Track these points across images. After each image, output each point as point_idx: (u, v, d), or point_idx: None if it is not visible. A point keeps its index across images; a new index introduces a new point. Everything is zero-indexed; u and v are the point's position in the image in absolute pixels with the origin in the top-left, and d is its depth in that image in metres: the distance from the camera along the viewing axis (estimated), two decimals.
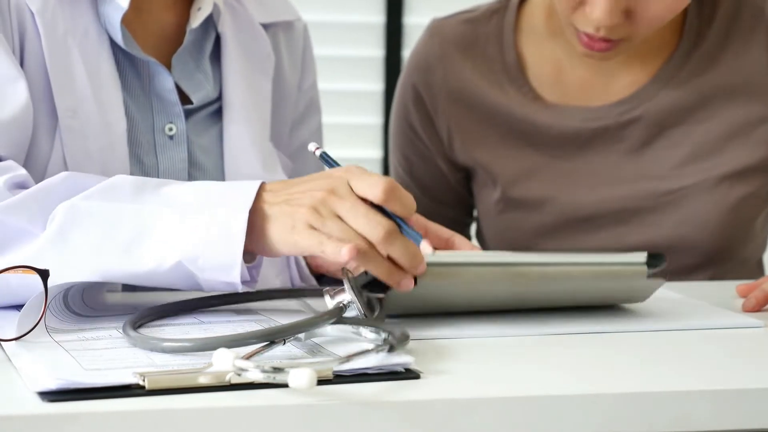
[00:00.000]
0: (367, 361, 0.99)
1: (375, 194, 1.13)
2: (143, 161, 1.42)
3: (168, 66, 1.45)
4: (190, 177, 1.45)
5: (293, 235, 1.15)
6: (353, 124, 3.04)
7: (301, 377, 0.90)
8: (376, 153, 3.07)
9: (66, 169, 1.36)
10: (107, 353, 1.04)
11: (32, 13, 1.36)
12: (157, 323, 1.16)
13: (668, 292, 1.38)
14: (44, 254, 1.18)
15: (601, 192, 1.66)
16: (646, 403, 0.96)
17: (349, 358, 0.98)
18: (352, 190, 1.14)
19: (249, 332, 1.04)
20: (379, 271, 1.14)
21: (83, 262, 1.17)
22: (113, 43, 1.41)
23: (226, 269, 1.16)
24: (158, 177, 1.42)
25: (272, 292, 1.25)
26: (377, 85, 3.06)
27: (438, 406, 0.93)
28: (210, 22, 1.49)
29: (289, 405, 0.91)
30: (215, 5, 1.47)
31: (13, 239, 1.20)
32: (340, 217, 1.14)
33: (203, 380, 0.93)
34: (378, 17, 3.04)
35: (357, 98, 3.05)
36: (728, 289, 1.42)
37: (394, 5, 3.03)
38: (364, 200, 1.14)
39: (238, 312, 1.23)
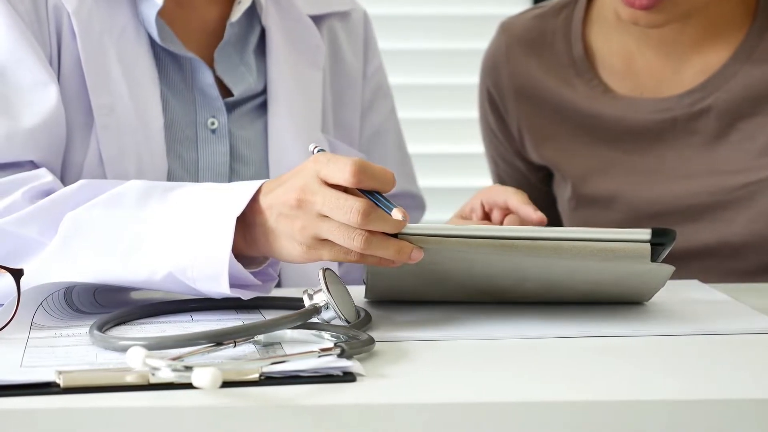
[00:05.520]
0: (301, 363, 0.95)
1: (344, 179, 1.10)
2: (183, 156, 1.43)
3: (211, 60, 1.46)
4: (232, 170, 1.45)
5: (301, 252, 1.13)
6: None
7: (203, 377, 0.88)
8: None
9: (102, 166, 1.38)
10: (63, 350, 1.03)
11: (69, 14, 1.38)
12: (140, 321, 1.15)
13: (716, 293, 1.30)
14: (49, 264, 1.19)
15: (673, 187, 1.59)
16: (589, 414, 0.90)
17: (283, 359, 0.96)
18: (322, 180, 1.11)
19: (198, 333, 1.01)
20: (389, 253, 1.10)
21: (84, 271, 1.17)
22: (154, 41, 1.42)
23: (215, 280, 1.14)
24: (198, 171, 1.43)
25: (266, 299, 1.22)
26: None
27: (353, 410, 0.89)
28: (254, 15, 1.49)
29: (190, 406, 0.88)
30: None
31: (27, 250, 1.22)
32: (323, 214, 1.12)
33: (124, 379, 0.92)
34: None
35: None
36: None
37: None
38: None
39: (238, 310, 1.21)
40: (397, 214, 1.08)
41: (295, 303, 1.21)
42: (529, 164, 1.72)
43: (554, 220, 1.74)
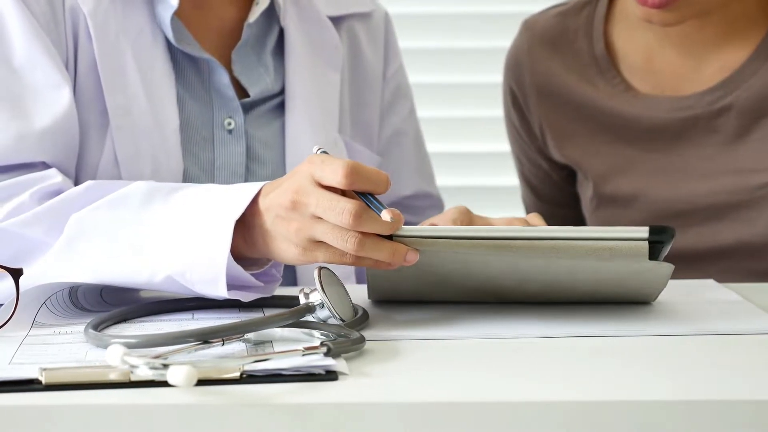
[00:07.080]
0: (284, 362, 0.95)
1: (337, 181, 1.10)
2: (199, 156, 1.43)
3: (229, 61, 1.46)
4: (249, 170, 1.45)
5: (296, 254, 1.14)
6: None
7: (178, 374, 0.88)
8: None
9: (117, 167, 1.39)
10: (56, 348, 1.04)
11: (85, 15, 1.39)
12: (140, 320, 1.16)
13: (727, 293, 1.28)
14: (53, 264, 1.20)
15: (694, 186, 1.58)
16: (585, 414, 0.89)
17: (265, 357, 0.96)
18: (317, 182, 1.11)
19: (185, 331, 1.02)
20: (384, 255, 1.10)
21: (87, 272, 1.18)
22: (171, 42, 1.43)
23: (213, 283, 1.15)
24: (214, 171, 1.44)
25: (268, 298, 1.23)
26: None
27: (329, 409, 0.89)
28: (273, 16, 1.49)
29: (169, 404, 0.89)
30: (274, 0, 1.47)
31: (33, 250, 1.23)
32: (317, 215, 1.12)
33: (106, 376, 0.93)
34: None
35: None
36: None
37: None
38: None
39: (241, 308, 1.22)
40: (386, 215, 1.08)
41: (298, 302, 1.21)
42: (552, 163, 1.71)
43: (578, 219, 1.73)
